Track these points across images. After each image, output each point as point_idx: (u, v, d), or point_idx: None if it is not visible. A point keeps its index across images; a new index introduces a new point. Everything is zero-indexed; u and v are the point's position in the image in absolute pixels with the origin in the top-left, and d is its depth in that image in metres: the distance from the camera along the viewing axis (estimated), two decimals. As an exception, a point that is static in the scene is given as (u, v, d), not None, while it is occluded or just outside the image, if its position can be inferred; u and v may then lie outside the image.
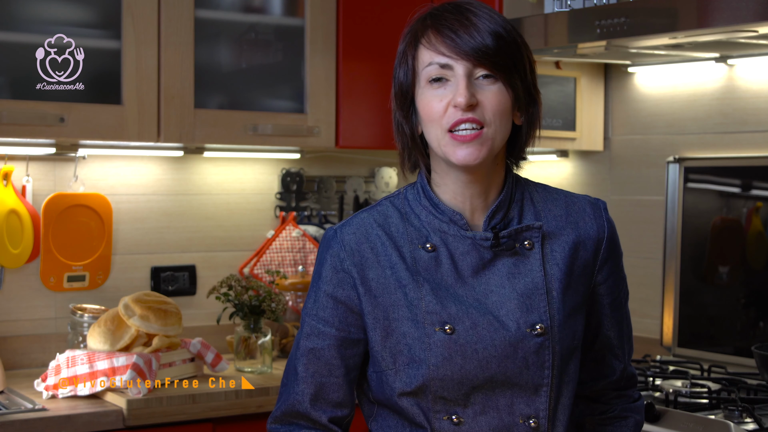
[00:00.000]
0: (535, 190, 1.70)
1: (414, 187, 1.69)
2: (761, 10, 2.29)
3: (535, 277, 1.61)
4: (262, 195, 3.45)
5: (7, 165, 2.97)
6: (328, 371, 1.65)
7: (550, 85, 3.24)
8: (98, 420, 2.54)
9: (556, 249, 1.64)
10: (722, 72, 3.01)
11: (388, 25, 3.22)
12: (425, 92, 1.60)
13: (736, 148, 2.98)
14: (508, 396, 1.60)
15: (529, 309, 1.59)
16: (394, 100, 1.67)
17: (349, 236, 1.65)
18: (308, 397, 1.66)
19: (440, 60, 1.57)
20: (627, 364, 1.77)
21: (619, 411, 1.77)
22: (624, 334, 1.76)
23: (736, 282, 2.94)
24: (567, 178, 3.46)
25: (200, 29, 2.98)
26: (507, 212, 1.65)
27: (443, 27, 1.58)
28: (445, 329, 1.58)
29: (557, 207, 1.68)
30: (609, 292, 1.72)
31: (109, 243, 3.13)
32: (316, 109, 3.15)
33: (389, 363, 1.62)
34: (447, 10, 1.60)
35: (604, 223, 1.70)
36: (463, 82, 1.55)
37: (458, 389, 1.59)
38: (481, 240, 1.61)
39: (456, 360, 1.57)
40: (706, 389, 2.56)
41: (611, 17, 2.51)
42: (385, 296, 1.62)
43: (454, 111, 1.56)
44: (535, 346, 1.58)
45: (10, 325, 3.01)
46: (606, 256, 1.70)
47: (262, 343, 2.98)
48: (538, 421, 1.60)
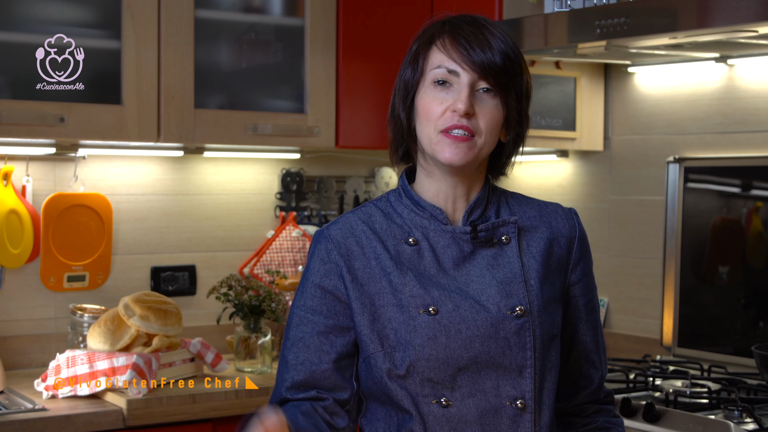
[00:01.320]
0: (511, 196, 1.80)
1: (395, 190, 1.78)
2: (761, 10, 2.29)
3: (514, 267, 1.69)
4: (262, 195, 3.45)
5: (7, 165, 2.97)
6: (318, 358, 1.69)
7: (550, 85, 3.24)
8: (98, 420, 2.54)
9: (531, 244, 1.73)
10: (722, 72, 3.01)
11: (388, 25, 3.22)
12: (428, 92, 1.68)
13: (736, 148, 2.98)
14: (494, 378, 1.65)
15: (508, 294, 1.67)
16: (396, 92, 1.75)
17: (336, 232, 1.72)
18: (297, 382, 1.69)
19: (450, 65, 1.66)
20: (604, 371, 1.83)
21: (602, 422, 1.82)
22: (599, 341, 1.82)
23: (736, 282, 2.94)
24: (567, 178, 3.46)
25: (200, 29, 2.98)
26: (485, 210, 1.74)
27: (459, 36, 1.66)
28: (429, 310, 1.64)
29: (531, 209, 1.78)
30: (583, 293, 1.78)
31: (109, 243, 3.13)
32: (316, 109, 3.15)
33: (377, 346, 1.66)
34: (466, 21, 1.68)
35: (575, 224, 1.79)
36: (466, 91, 1.64)
37: (444, 370, 1.63)
38: (460, 233, 1.69)
39: (440, 339, 1.63)
40: (706, 389, 2.56)
41: (611, 17, 2.52)
42: (371, 284, 1.68)
43: (452, 115, 1.65)
44: (515, 327, 1.65)
45: (10, 325, 3.02)
46: (578, 256, 1.77)
47: (262, 343, 2.98)
48: (524, 402, 1.65)
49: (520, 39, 2.78)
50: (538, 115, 3.20)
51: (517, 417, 1.65)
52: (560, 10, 2.70)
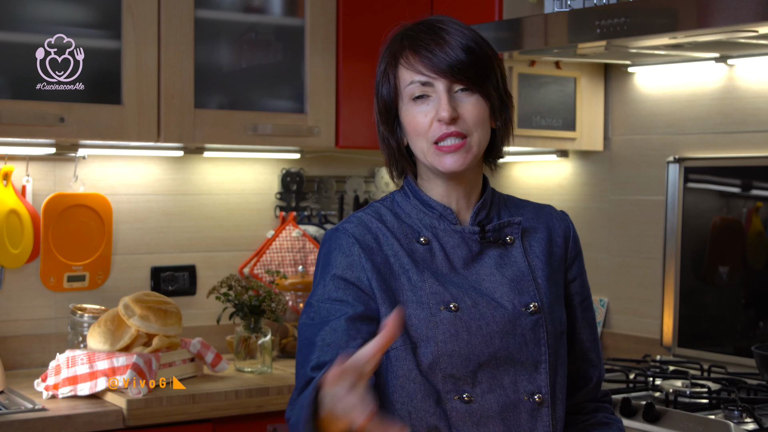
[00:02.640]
0: (508, 199, 1.84)
1: (401, 191, 1.79)
2: (761, 10, 2.29)
3: (521, 266, 1.73)
4: (262, 195, 3.45)
5: (7, 165, 2.97)
6: (345, 342, 1.64)
7: (550, 85, 3.24)
8: (98, 420, 2.54)
9: (534, 244, 1.77)
10: (722, 72, 3.01)
11: (388, 25, 3.21)
12: (409, 109, 1.71)
13: (736, 148, 2.98)
14: (512, 373, 1.67)
15: (520, 292, 1.70)
16: (378, 116, 1.77)
17: (353, 228, 1.72)
18: (324, 362, 1.61)
19: (420, 78, 1.69)
20: (602, 370, 1.85)
21: (602, 418, 1.84)
22: (596, 339, 1.85)
23: (736, 282, 2.94)
24: (567, 178, 3.46)
25: (200, 29, 2.98)
26: (489, 212, 1.77)
27: (419, 47, 1.69)
28: (450, 307, 1.66)
29: (527, 210, 1.82)
30: (579, 291, 1.82)
31: (109, 243, 3.13)
32: (316, 109, 3.15)
33: (399, 341, 1.66)
34: (421, 30, 1.71)
35: (569, 225, 1.84)
36: (445, 98, 1.67)
37: (466, 366, 1.65)
38: (469, 233, 1.72)
39: (462, 336, 1.65)
40: (706, 389, 2.56)
41: (611, 17, 2.51)
42: (392, 280, 1.68)
43: (439, 125, 1.68)
44: (530, 323, 1.68)
45: (10, 325, 3.01)
46: (574, 255, 1.82)
47: (262, 343, 2.98)
48: (542, 396, 1.68)
49: (520, 39, 2.78)
50: (538, 115, 3.20)
51: (535, 411, 1.68)
52: (560, 10, 2.70)
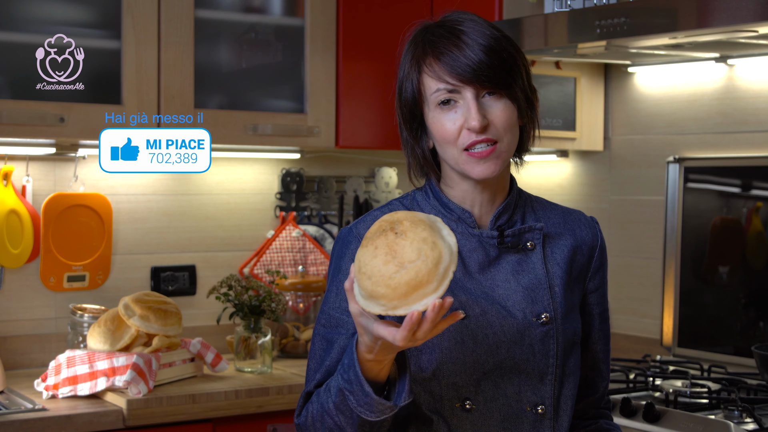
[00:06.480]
0: (536, 201, 1.79)
1: (422, 190, 1.75)
2: (761, 10, 2.29)
3: (538, 273, 1.68)
4: (262, 195, 3.45)
5: (7, 165, 2.97)
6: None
7: (550, 85, 3.24)
8: (98, 420, 2.54)
9: (556, 251, 1.72)
10: (722, 72, 3.01)
11: (388, 25, 3.22)
12: (437, 115, 1.65)
13: (736, 148, 2.98)
14: (516, 383, 1.65)
15: (533, 301, 1.66)
16: (402, 122, 1.71)
17: (365, 231, 1.68)
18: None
19: (446, 87, 1.63)
20: (608, 381, 1.84)
21: (603, 424, 1.83)
22: (608, 351, 1.82)
23: (736, 282, 2.94)
24: (567, 178, 3.46)
25: (200, 29, 2.98)
26: (512, 215, 1.72)
27: (442, 54, 1.63)
28: None
29: (555, 215, 1.77)
30: (598, 302, 1.79)
31: (109, 243, 3.13)
32: (316, 109, 3.15)
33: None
34: (441, 35, 1.65)
35: (597, 233, 1.80)
36: (474, 106, 1.61)
37: (470, 374, 1.63)
38: (487, 238, 1.68)
39: (468, 344, 1.62)
40: (706, 389, 2.56)
41: (611, 17, 2.52)
42: None
43: (468, 133, 1.62)
44: (540, 334, 1.65)
45: (10, 325, 3.01)
46: (598, 265, 1.78)
47: (262, 343, 2.98)
48: (545, 408, 1.65)
49: (520, 39, 2.78)
50: (538, 115, 3.20)
51: (537, 423, 1.66)
52: (560, 10, 2.70)
